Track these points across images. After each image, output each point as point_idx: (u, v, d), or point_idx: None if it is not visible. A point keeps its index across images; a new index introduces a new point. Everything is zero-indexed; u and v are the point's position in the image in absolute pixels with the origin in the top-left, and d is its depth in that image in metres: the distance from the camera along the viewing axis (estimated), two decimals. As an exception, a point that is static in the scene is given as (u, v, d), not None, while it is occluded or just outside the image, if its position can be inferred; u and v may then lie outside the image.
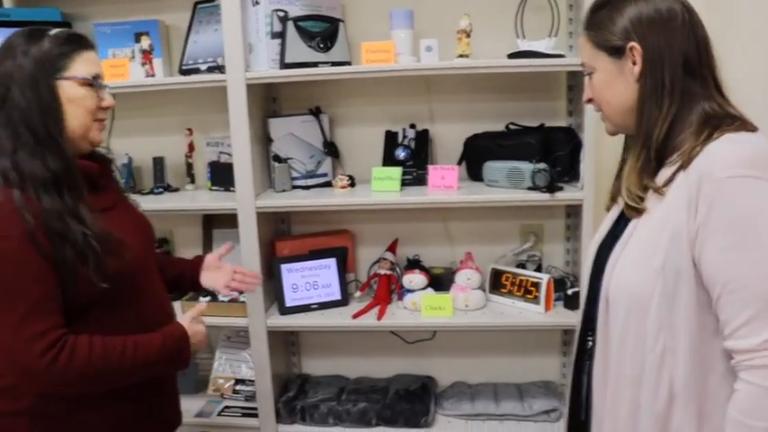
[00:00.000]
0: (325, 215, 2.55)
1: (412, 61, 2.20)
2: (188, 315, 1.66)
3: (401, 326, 2.35)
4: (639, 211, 1.26)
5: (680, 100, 1.23)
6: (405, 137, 2.41)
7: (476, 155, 2.37)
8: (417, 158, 2.37)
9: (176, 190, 2.57)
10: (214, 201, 2.40)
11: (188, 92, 2.42)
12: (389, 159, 2.39)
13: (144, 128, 2.56)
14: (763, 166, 1.13)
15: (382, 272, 2.41)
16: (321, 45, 2.23)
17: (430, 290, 2.34)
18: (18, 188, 1.40)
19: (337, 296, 2.42)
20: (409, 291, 2.34)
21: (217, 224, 2.61)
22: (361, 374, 2.66)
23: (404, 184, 2.30)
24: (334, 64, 2.23)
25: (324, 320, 2.34)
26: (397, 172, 2.28)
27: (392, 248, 2.47)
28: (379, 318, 2.29)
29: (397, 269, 2.44)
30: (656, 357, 1.21)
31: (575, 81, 2.27)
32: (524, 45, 2.16)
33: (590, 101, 1.37)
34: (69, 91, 1.48)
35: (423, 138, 2.41)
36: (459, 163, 2.40)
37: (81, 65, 1.50)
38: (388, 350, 2.62)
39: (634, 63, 1.25)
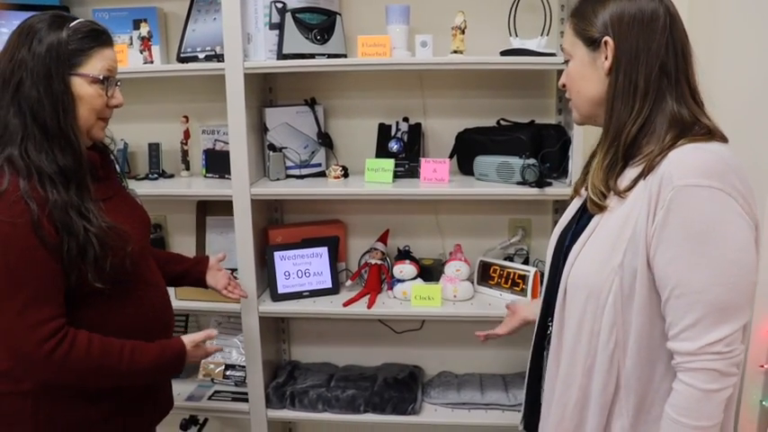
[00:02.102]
0: (318, 204, 2.59)
1: (407, 56, 2.23)
2: (194, 337, 1.68)
3: (391, 314, 2.40)
4: (602, 208, 1.29)
5: (652, 103, 1.25)
6: (398, 130, 2.45)
7: (467, 149, 2.41)
8: (410, 151, 2.42)
9: (171, 176, 2.60)
10: (209, 187, 2.43)
11: (185, 79, 2.45)
12: (383, 151, 2.43)
13: (140, 114, 2.57)
14: (722, 177, 1.16)
15: (373, 261, 2.46)
16: (318, 37, 2.26)
17: (419, 280, 2.39)
18: (25, 177, 1.40)
19: (328, 284, 2.46)
20: (399, 281, 2.39)
21: (210, 211, 2.64)
22: (350, 363, 2.71)
23: (396, 176, 2.34)
24: (330, 56, 2.27)
25: (315, 308, 2.38)
26: (390, 164, 2.32)
27: (383, 239, 2.51)
28: (370, 306, 2.34)
29: (388, 259, 2.48)
30: (609, 351, 1.25)
31: (566, 79, 2.31)
32: (517, 43, 2.21)
33: (563, 86, 1.41)
34: (79, 88, 1.47)
35: (416, 131, 2.45)
36: (451, 157, 2.44)
37: (96, 62, 1.50)
38: (376, 339, 2.67)
39: (606, 58, 1.28)
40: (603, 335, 1.25)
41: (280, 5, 2.22)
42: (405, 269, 2.39)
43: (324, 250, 2.47)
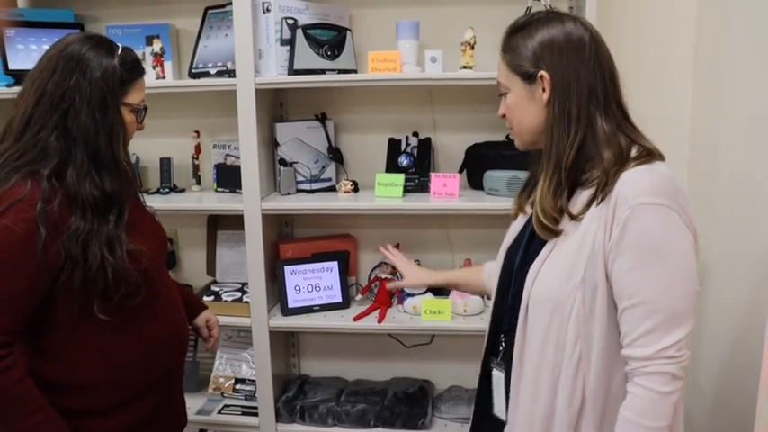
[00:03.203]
0: (328, 219, 2.60)
1: (417, 71, 2.25)
2: None
3: (401, 329, 2.39)
4: (554, 233, 1.34)
5: (585, 127, 1.31)
6: (408, 144, 2.46)
7: (477, 164, 2.42)
8: (420, 166, 2.43)
9: (182, 191, 2.62)
10: (220, 202, 2.45)
11: (196, 95, 2.48)
12: (392, 166, 2.44)
13: (152, 129, 2.55)
14: (671, 196, 1.24)
15: (383, 276, 2.46)
16: (329, 53, 2.28)
17: (429, 294, 2.39)
18: (45, 200, 1.39)
19: (339, 299, 2.46)
20: (409, 295, 2.39)
21: (221, 225, 2.65)
22: (360, 377, 2.71)
23: (406, 190, 2.35)
24: (340, 72, 2.29)
25: (325, 322, 2.39)
26: (400, 178, 2.33)
27: (393, 253, 2.52)
28: (380, 320, 2.34)
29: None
30: (574, 364, 1.30)
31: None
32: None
33: (503, 117, 1.45)
34: (125, 116, 1.51)
35: (425, 146, 2.46)
36: (461, 171, 2.44)
37: (137, 92, 1.53)
38: (386, 354, 2.67)
39: (543, 90, 1.33)
40: (568, 348, 1.30)
41: (291, 22, 2.24)
42: (415, 283, 2.39)
43: (334, 264, 2.48)
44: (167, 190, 2.59)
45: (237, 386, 2.59)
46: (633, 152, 1.31)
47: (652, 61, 2.39)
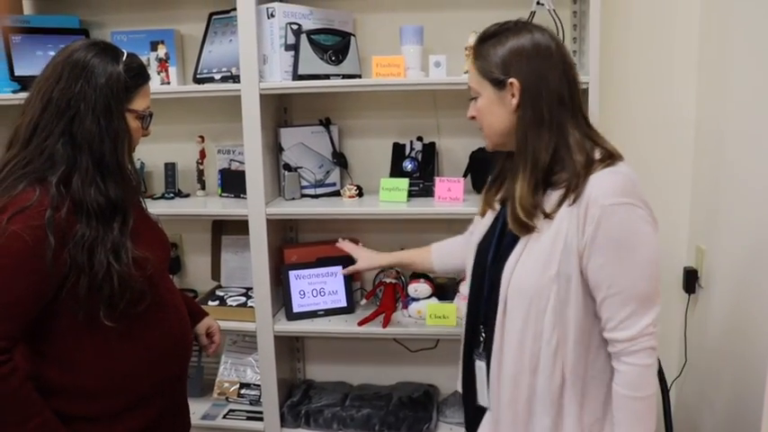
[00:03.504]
0: (333, 224, 2.60)
1: (421, 76, 2.25)
2: None
3: (406, 333, 2.39)
4: (530, 229, 1.43)
5: (557, 131, 1.41)
6: (412, 149, 2.47)
7: (481, 168, 2.41)
8: (424, 170, 2.43)
9: (187, 196, 2.62)
10: (225, 207, 2.45)
11: (201, 100, 2.48)
12: (397, 171, 2.44)
13: (157, 134, 2.54)
14: (634, 194, 1.37)
15: (388, 280, 2.46)
16: (333, 58, 2.28)
17: (434, 299, 2.38)
18: (54, 207, 1.39)
19: (343, 303, 2.46)
20: (414, 299, 2.39)
21: (225, 230, 2.66)
22: (365, 382, 2.71)
23: (411, 195, 2.35)
24: (345, 77, 2.29)
25: (330, 327, 2.39)
26: (404, 183, 2.33)
27: (398, 258, 2.52)
28: (385, 325, 2.33)
29: (403, 278, 2.48)
30: (552, 349, 1.41)
31: (579, 98, 2.32)
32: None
33: (473, 118, 1.54)
34: (130, 123, 1.51)
35: (430, 150, 2.46)
36: (465, 175, 2.44)
37: (142, 99, 1.54)
38: (391, 358, 2.66)
39: (513, 96, 1.42)
40: (546, 335, 1.41)
41: (295, 27, 2.24)
42: (419, 288, 2.38)
43: (339, 269, 2.48)
44: (172, 195, 2.59)
45: (242, 391, 2.59)
46: (597, 155, 1.42)
47: (656, 63, 2.39)
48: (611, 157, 1.41)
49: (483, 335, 1.55)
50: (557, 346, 1.41)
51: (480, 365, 1.55)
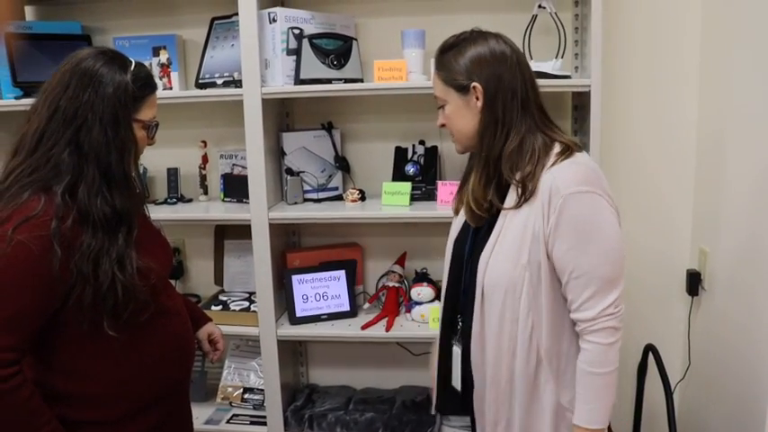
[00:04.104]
0: (335, 228, 2.60)
1: (423, 79, 2.25)
2: None
3: (409, 337, 2.39)
4: (480, 219, 1.58)
5: (510, 129, 1.51)
6: (414, 153, 2.47)
7: (483, 171, 2.41)
8: (426, 174, 2.43)
9: (190, 200, 2.63)
10: (227, 212, 2.45)
11: (203, 105, 2.49)
12: (399, 175, 2.45)
13: (159, 139, 2.55)
14: (594, 182, 1.47)
15: (391, 284, 2.46)
16: (335, 62, 2.29)
17: (437, 302, 2.38)
18: (59, 217, 1.39)
19: (346, 307, 2.46)
20: (417, 303, 2.39)
21: (228, 235, 2.66)
22: (368, 385, 2.70)
23: (413, 198, 2.36)
24: (346, 81, 2.29)
25: (333, 331, 2.39)
26: (406, 187, 2.33)
27: (401, 262, 2.52)
28: (388, 329, 2.34)
29: (406, 282, 2.49)
30: (527, 332, 1.51)
31: (580, 101, 2.33)
32: (532, 66, 2.20)
33: (443, 126, 1.63)
34: (137, 133, 1.51)
35: (432, 154, 2.47)
36: (467, 179, 2.44)
37: (149, 109, 1.53)
38: (394, 362, 2.66)
39: (477, 99, 1.52)
40: (522, 320, 1.51)
41: (297, 31, 2.25)
42: (422, 291, 2.39)
43: (341, 273, 2.48)
44: (174, 200, 2.60)
45: (246, 395, 2.59)
46: (557, 148, 1.51)
47: (658, 66, 2.39)
48: (569, 150, 1.51)
49: (460, 323, 1.66)
50: (532, 329, 1.51)
51: (457, 351, 1.66)
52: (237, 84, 2.29)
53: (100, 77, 1.44)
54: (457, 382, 1.69)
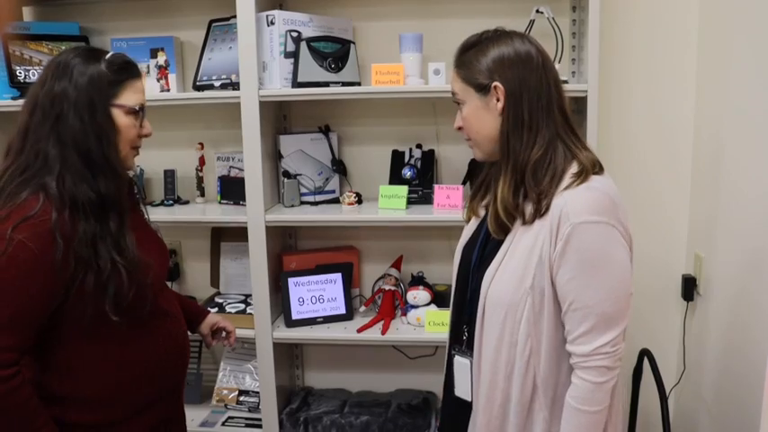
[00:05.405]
0: (332, 231, 2.60)
1: (420, 83, 2.26)
2: None
3: (405, 340, 2.39)
4: (506, 230, 1.48)
5: (537, 132, 1.44)
6: (411, 156, 2.47)
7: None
8: (423, 178, 2.43)
9: (186, 202, 2.63)
10: (224, 214, 2.45)
11: (201, 107, 2.49)
12: (396, 178, 2.45)
13: (156, 141, 2.57)
14: (608, 212, 1.39)
15: (387, 287, 2.46)
16: (332, 65, 2.29)
17: (433, 306, 2.39)
18: (58, 209, 1.40)
19: (342, 310, 2.46)
20: (413, 306, 2.39)
21: (225, 237, 2.65)
22: (364, 389, 2.70)
23: (410, 202, 2.36)
24: (344, 84, 2.30)
25: (329, 334, 2.39)
26: (403, 190, 2.33)
27: (397, 265, 2.52)
28: (383, 332, 2.34)
29: (402, 285, 2.49)
30: (525, 358, 1.45)
31: (577, 106, 2.33)
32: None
33: (460, 128, 1.57)
34: (118, 119, 1.50)
35: (429, 158, 2.47)
36: (464, 183, 2.44)
37: (131, 94, 1.53)
38: (390, 365, 2.66)
39: (498, 100, 1.45)
40: (520, 345, 1.44)
41: (295, 34, 2.25)
42: (418, 295, 2.39)
43: (338, 276, 2.48)
44: (171, 202, 2.60)
45: (241, 398, 2.58)
46: (574, 168, 1.43)
47: (654, 71, 2.40)
48: (585, 172, 1.42)
49: (466, 334, 1.60)
50: (530, 355, 1.44)
51: (462, 362, 1.60)
52: (235, 86, 2.29)
53: (73, 68, 1.47)
54: (462, 392, 1.60)
